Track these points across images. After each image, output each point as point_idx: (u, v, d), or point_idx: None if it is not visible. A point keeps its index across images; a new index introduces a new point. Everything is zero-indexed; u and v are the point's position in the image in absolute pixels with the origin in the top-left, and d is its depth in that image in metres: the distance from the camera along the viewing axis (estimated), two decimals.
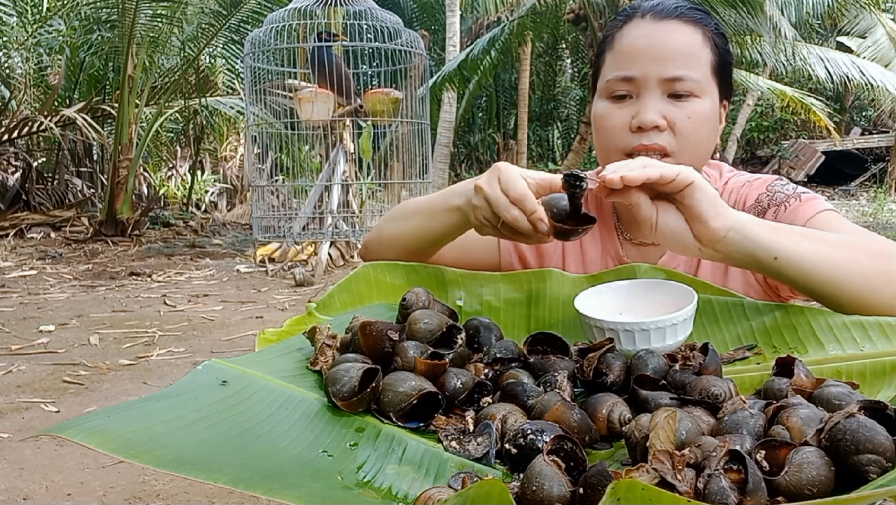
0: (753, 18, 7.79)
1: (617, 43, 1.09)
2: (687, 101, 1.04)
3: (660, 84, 1.04)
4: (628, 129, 1.05)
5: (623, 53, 1.07)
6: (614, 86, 1.07)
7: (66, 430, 0.58)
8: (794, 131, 16.39)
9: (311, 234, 6.74)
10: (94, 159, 10.90)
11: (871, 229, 1.07)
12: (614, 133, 1.06)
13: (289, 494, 0.54)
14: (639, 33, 1.06)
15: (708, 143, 1.08)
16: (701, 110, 1.05)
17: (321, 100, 6.10)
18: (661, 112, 1.03)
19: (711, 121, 1.07)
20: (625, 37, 1.08)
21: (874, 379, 0.73)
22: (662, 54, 1.04)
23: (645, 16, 1.07)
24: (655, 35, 1.05)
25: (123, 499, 2.31)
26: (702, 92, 1.05)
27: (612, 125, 1.07)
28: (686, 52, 1.05)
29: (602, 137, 1.09)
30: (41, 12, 9.22)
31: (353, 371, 0.69)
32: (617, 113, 1.06)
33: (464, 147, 16.15)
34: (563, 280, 0.96)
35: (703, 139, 1.07)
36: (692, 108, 1.04)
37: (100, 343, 4.15)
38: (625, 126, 1.05)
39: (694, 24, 1.07)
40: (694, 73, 1.04)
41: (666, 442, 0.55)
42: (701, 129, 1.05)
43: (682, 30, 1.06)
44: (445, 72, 9.41)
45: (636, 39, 1.06)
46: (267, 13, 7.46)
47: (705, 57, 1.06)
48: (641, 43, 1.06)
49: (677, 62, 1.04)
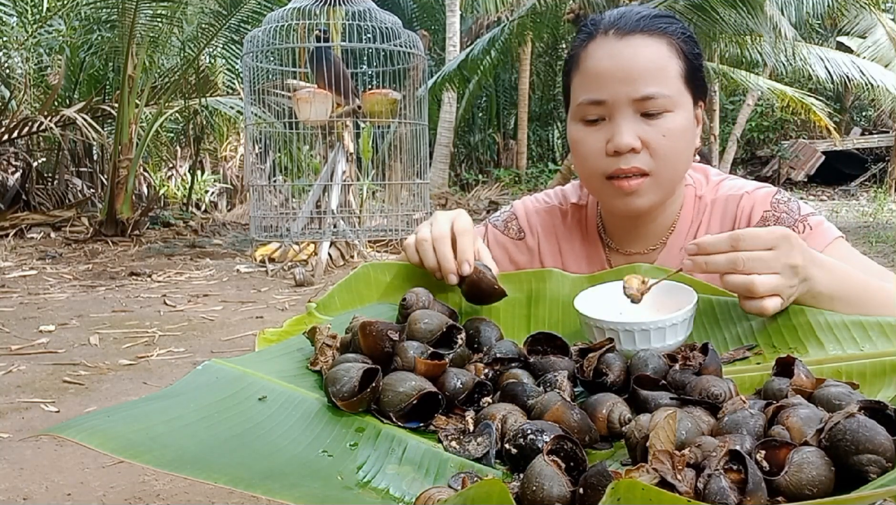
0: (753, 18, 7.79)
1: (583, 63, 1.07)
2: (660, 118, 1.03)
3: (631, 104, 1.03)
4: (604, 154, 1.04)
5: (590, 76, 1.05)
6: (585, 110, 1.06)
7: (66, 430, 0.58)
8: (794, 131, 16.39)
9: (311, 235, 6.74)
10: (94, 159, 10.90)
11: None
12: (591, 158, 1.06)
13: (289, 494, 0.54)
14: (603, 54, 1.04)
15: (686, 155, 1.08)
16: (675, 126, 1.04)
17: (319, 100, 6.10)
18: (636, 133, 1.02)
19: (688, 133, 1.06)
20: (590, 57, 1.06)
21: (874, 379, 0.73)
22: (629, 75, 1.02)
23: (608, 32, 1.05)
24: (621, 55, 1.03)
25: (123, 499, 2.31)
26: (674, 106, 1.04)
27: (587, 150, 1.06)
28: (654, 69, 1.03)
29: (580, 162, 1.09)
30: (41, 12, 9.22)
31: (353, 371, 0.69)
32: (592, 137, 1.06)
33: (464, 147, 16.15)
34: (563, 280, 0.96)
35: (681, 153, 1.06)
36: (666, 126, 1.03)
37: (100, 343, 4.15)
38: (601, 150, 1.05)
39: (658, 35, 1.05)
40: (664, 88, 1.03)
41: (666, 442, 0.55)
42: (677, 145, 1.05)
43: (647, 44, 1.04)
44: (445, 72, 9.41)
45: (601, 61, 1.04)
46: (267, 13, 7.45)
47: (674, 68, 1.04)
48: (607, 64, 1.04)
49: (646, 80, 1.02)
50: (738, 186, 1.16)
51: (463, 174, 15.20)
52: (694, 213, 1.16)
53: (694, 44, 1.08)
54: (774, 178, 15.72)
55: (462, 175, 15.13)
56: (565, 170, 9.11)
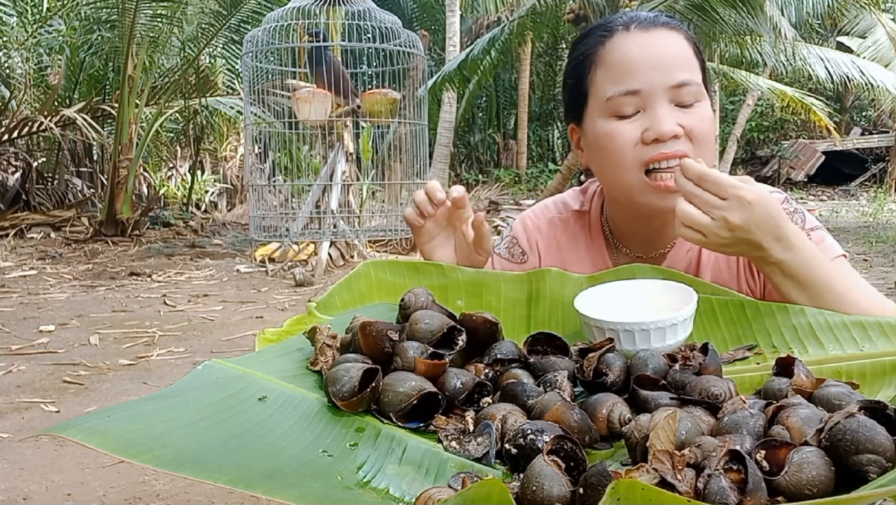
0: (753, 18, 7.79)
1: (606, 58, 1.05)
2: (695, 105, 1.03)
3: (667, 92, 1.01)
4: (641, 143, 1.02)
5: (620, 67, 1.03)
6: (619, 103, 1.02)
7: (66, 430, 0.58)
8: (794, 131, 16.39)
9: (311, 235, 6.74)
10: (94, 159, 10.90)
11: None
12: (626, 149, 1.02)
13: (289, 494, 0.54)
14: (632, 44, 1.03)
15: (715, 145, 1.09)
16: (708, 113, 1.05)
17: (319, 100, 6.10)
18: (675, 120, 1.01)
19: (714, 123, 1.08)
20: (615, 51, 1.04)
21: (874, 379, 0.73)
22: (664, 62, 1.02)
23: (629, 27, 1.04)
24: (651, 45, 1.02)
25: (123, 499, 2.31)
26: (702, 95, 1.04)
27: (623, 141, 1.03)
28: (684, 57, 1.04)
29: (612, 157, 1.05)
30: (41, 12, 9.22)
31: (353, 371, 0.69)
32: (626, 129, 1.03)
33: (464, 147, 16.15)
34: (563, 280, 0.96)
35: (713, 142, 1.07)
36: (702, 112, 1.03)
37: (100, 343, 4.15)
38: (637, 140, 1.02)
39: (676, 29, 1.06)
40: (694, 76, 1.03)
41: (666, 442, 0.55)
42: (713, 133, 1.06)
43: (671, 36, 1.04)
44: (445, 72, 9.41)
45: (631, 51, 1.03)
46: (267, 13, 7.45)
47: (696, 60, 1.06)
48: (638, 53, 1.02)
49: (680, 67, 1.02)
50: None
51: (463, 174, 15.20)
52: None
53: (699, 45, 1.10)
54: (774, 178, 15.71)
55: (462, 175, 15.13)
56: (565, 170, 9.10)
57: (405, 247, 7.33)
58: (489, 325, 0.79)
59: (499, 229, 9.06)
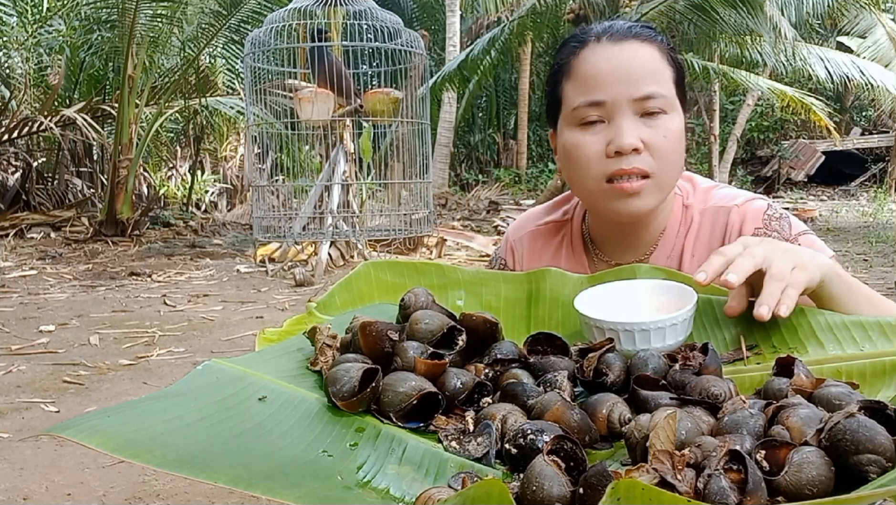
0: (753, 18, 7.80)
1: (577, 69, 1.06)
2: (659, 118, 1.04)
3: (631, 104, 1.03)
4: (605, 156, 1.04)
5: (587, 79, 1.05)
6: (583, 112, 1.05)
7: (66, 430, 0.58)
8: (794, 131, 16.39)
9: (311, 235, 6.74)
10: (94, 159, 10.91)
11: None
12: (591, 161, 1.05)
13: (289, 494, 0.54)
14: (600, 57, 1.05)
15: (682, 159, 1.08)
16: (674, 127, 1.05)
17: (321, 100, 6.10)
18: (637, 134, 1.02)
19: (683, 137, 1.07)
20: (585, 62, 1.06)
21: (874, 379, 0.73)
22: (630, 74, 1.03)
23: (600, 39, 1.06)
24: (618, 58, 1.04)
25: (123, 499, 2.31)
26: (670, 108, 1.05)
27: (587, 153, 1.05)
28: (652, 70, 1.04)
29: (577, 168, 1.07)
30: (41, 12, 9.23)
31: (353, 371, 0.69)
32: (590, 140, 1.05)
33: (464, 147, 16.15)
34: (564, 280, 0.96)
35: (679, 156, 1.07)
36: (666, 126, 1.04)
37: (100, 343, 4.15)
38: (601, 153, 1.04)
39: (650, 41, 1.06)
40: (661, 88, 1.04)
41: (666, 442, 0.55)
42: (676, 147, 1.05)
43: (642, 48, 1.05)
44: (445, 72, 9.42)
45: (598, 63, 1.04)
46: (267, 13, 7.46)
47: (667, 72, 1.06)
48: (605, 66, 1.04)
49: (646, 80, 1.03)
50: (728, 197, 1.15)
51: (463, 174, 15.21)
52: (682, 221, 1.16)
53: (676, 53, 1.11)
54: (774, 178, 15.72)
55: (462, 175, 15.14)
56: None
57: (406, 247, 7.34)
58: (489, 325, 0.79)
59: (499, 229, 9.06)
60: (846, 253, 7.41)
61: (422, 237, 7.14)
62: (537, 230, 1.25)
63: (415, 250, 7.25)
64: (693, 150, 14.80)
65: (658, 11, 8.27)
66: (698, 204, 1.16)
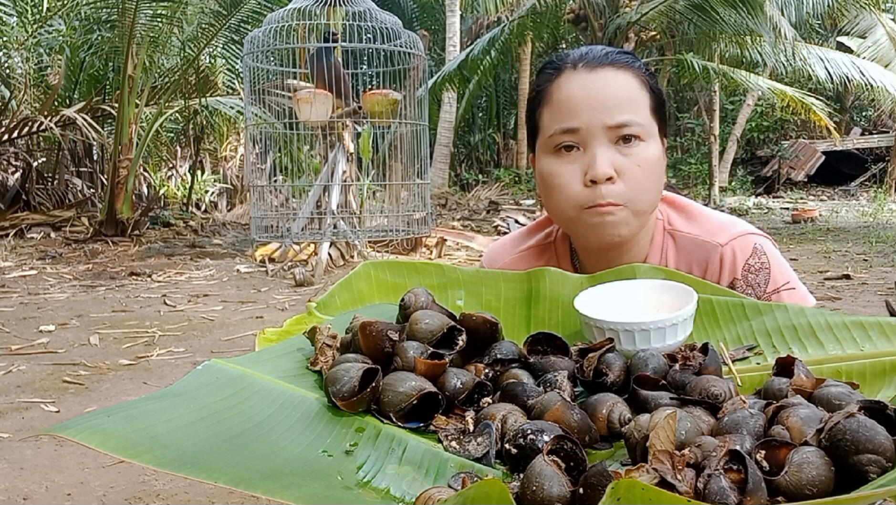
0: (753, 18, 7.80)
1: (553, 96, 1.07)
2: (635, 146, 1.04)
3: (605, 132, 1.03)
4: (581, 184, 1.04)
5: (562, 106, 1.05)
6: (558, 138, 1.05)
7: (66, 430, 0.58)
8: (794, 131, 16.40)
9: (311, 235, 6.74)
10: (94, 159, 10.90)
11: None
12: (567, 189, 1.05)
13: (289, 494, 0.54)
14: (575, 85, 1.05)
15: (659, 186, 1.09)
16: (649, 155, 1.05)
17: (320, 100, 6.10)
18: (612, 162, 1.03)
19: (660, 164, 1.07)
20: (560, 89, 1.06)
21: (874, 379, 0.73)
22: (604, 102, 1.03)
23: (577, 66, 1.06)
24: (593, 85, 1.04)
25: (123, 499, 2.31)
26: (646, 135, 1.05)
27: (563, 182, 1.05)
28: (626, 98, 1.04)
29: (555, 196, 1.07)
30: (41, 12, 9.23)
31: (353, 371, 0.69)
32: (566, 168, 1.05)
33: (464, 147, 16.16)
34: (563, 280, 0.96)
35: (655, 184, 1.07)
36: (641, 155, 1.04)
37: (100, 343, 4.15)
38: (577, 181, 1.04)
39: (626, 68, 1.06)
40: (637, 116, 1.04)
41: (666, 442, 0.55)
42: (652, 174, 1.05)
43: (617, 75, 1.05)
44: (445, 72, 9.42)
45: (573, 91, 1.05)
46: (267, 13, 7.45)
47: (644, 99, 1.06)
48: (580, 93, 1.04)
49: (620, 108, 1.03)
50: (713, 230, 1.14)
51: (463, 174, 15.21)
52: (663, 246, 1.16)
53: (656, 80, 1.11)
54: (774, 178, 15.72)
55: (462, 175, 15.13)
56: None
57: (405, 247, 7.34)
58: (489, 325, 0.79)
59: (499, 229, 9.06)
60: (846, 253, 7.40)
61: (421, 237, 7.14)
62: (519, 256, 1.24)
63: (414, 250, 7.25)
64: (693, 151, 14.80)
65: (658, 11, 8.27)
66: (680, 230, 1.16)
